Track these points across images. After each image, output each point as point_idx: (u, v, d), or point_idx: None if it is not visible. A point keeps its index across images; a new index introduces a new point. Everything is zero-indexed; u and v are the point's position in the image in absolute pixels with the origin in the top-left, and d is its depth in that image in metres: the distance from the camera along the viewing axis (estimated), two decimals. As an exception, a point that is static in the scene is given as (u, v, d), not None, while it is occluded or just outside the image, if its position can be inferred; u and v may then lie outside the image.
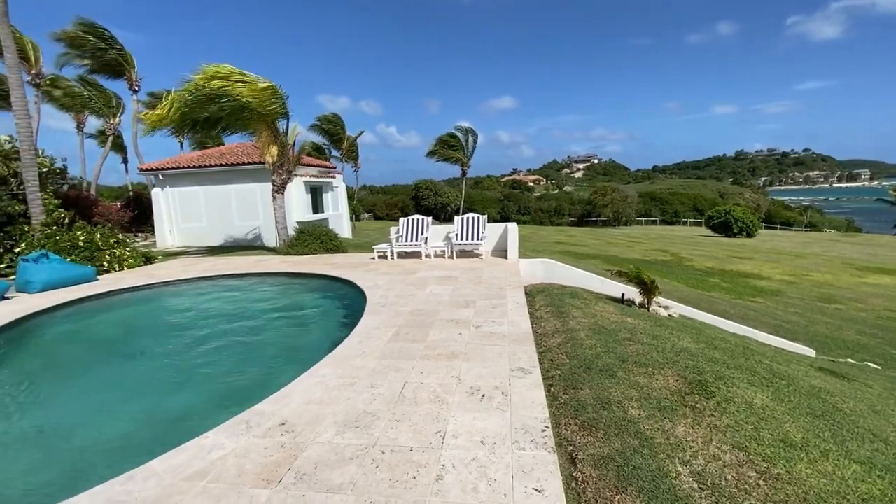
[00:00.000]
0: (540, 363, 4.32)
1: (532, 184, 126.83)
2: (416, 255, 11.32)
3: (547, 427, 3.12)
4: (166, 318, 8.40)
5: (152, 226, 18.26)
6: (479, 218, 11.27)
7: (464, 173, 34.44)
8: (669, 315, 7.25)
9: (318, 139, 38.68)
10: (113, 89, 25.53)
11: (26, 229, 10.89)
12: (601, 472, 2.76)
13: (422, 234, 11.38)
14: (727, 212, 36.96)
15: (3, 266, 10.51)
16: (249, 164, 16.22)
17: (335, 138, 38.57)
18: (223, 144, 26.44)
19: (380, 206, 51.54)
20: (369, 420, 3.32)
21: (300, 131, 14.23)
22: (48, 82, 22.22)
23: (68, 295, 8.29)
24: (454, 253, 10.89)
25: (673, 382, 3.94)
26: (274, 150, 12.88)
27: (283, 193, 13.55)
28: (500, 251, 11.23)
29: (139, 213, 21.07)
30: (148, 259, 12.09)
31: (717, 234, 36.54)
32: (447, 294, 7.19)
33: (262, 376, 5.15)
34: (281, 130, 13.16)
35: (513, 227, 10.54)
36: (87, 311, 7.96)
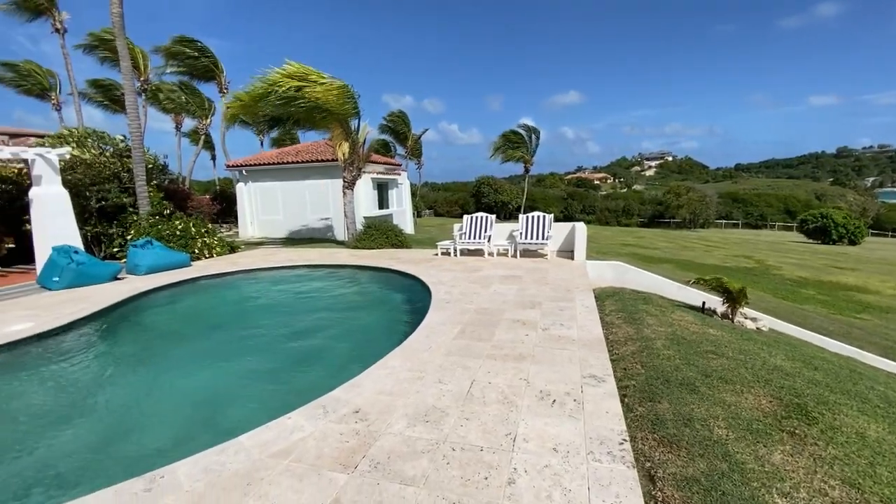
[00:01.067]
0: (613, 371, 4.12)
1: (598, 182, 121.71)
2: (479, 252, 11.30)
3: (625, 440, 2.97)
4: (248, 303, 9.09)
5: (236, 217, 19.88)
6: (545, 217, 11.01)
7: (526, 171, 33.81)
8: (758, 328, 6.62)
9: (384, 137, 39.86)
10: (205, 93, 28.06)
11: (135, 218, 12.28)
12: (685, 493, 2.58)
13: (485, 231, 11.33)
14: (825, 215, 33.00)
15: (116, 250, 11.95)
16: (322, 161, 17.08)
17: (401, 136, 39.51)
18: (298, 143, 28.09)
19: (440, 203, 52.16)
20: (439, 416, 3.36)
21: (369, 130, 14.74)
22: (154, 88, 24.89)
23: (167, 278, 9.25)
24: (518, 252, 10.73)
25: (766, 403, 3.59)
26: (345, 147, 13.45)
27: (352, 189, 14.12)
28: (566, 252, 10.90)
29: (225, 206, 23.02)
30: (232, 248, 13.17)
31: (812, 241, 32.81)
32: (512, 294, 7.10)
33: (334, 362, 5.41)
34: (352, 129, 13.71)
35: (580, 227, 10.18)
36: (182, 293, 8.83)
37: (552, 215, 11.13)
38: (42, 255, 9.07)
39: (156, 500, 2.51)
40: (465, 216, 11.87)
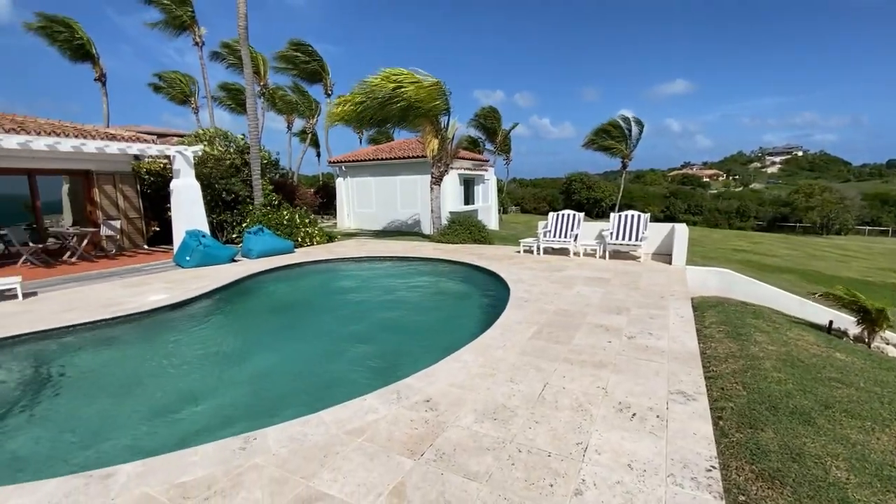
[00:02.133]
0: (707, 390, 3.71)
1: (707, 179, 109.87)
2: (564, 252, 10.88)
3: (714, 467, 2.66)
4: (338, 288, 9.79)
5: (334, 209, 21.49)
6: (639, 216, 10.23)
7: (624, 166, 31.66)
8: (905, 357, 5.49)
9: (474, 133, 40.09)
10: (312, 94, 30.65)
11: (250, 208, 13.88)
12: (786, 539, 2.24)
13: (572, 230, 10.87)
14: None
15: (234, 236, 13.64)
16: (412, 157, 17.71)
17: (490, 132, 39.45)
18: (392, 140, 29.41)
19: (528, 199, 51.10)
20: (507, 415, 3.32)
21: (458, 126, 14.92)
22: (271, 91, 27.78)
23: (275, 262, 10.32)
24: (607, 253, 10.13)
25: (908, 449, 2.97)
26: (435, 144, 13.78)
27: (439, 185, 14.45)
28: (663, 255, 10.04)
29: (326, 199, 25.02)
30: (330, 238, 14.27)
31: None
32: (596, 297, 6.73)
33: (409, 350, 5.60)
34: (442, 126, 14.00)
35: (681, 229, 9.29)
36: (287, 276, 9.79)
37: (648, 215, 10.30)
38: (178, 237, 10.67)
39: (248, 458, 2.82)
40: (551, 213, 11.50)
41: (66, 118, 12.26)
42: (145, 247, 12.84)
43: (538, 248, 10.89)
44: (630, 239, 10.00)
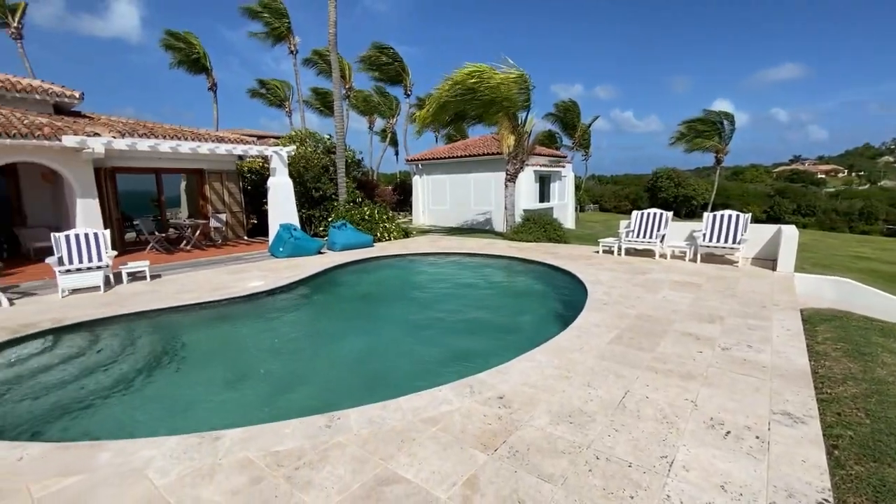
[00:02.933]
0: (820, 414, 3.28)
1: (823, 175, 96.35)
2: (649, 253, 10.21)
3: (826, 501, 2.35)
4: (413, 281, 10.10)
5: (410, 206, 22.18)
6: (737, 216, 9.28)
7: (718, 161, 28.88)
8: None
9: (551, 128, 38.98)
10: (393, 94, 31.81)
11: (335, 204, 14.81)
12: None
13: (658, 230, 10.15)
14: None
15: (321, 229, 14.64)
16: (488, 154, 17.68)
17: (568, 126, 38.08)
18: (468, 138, 29.56)
19: (607, 197, 48.55)
20: (584, 419, 3.21)
21: (536, 122, 14.62)
22: (355, 94, 29.33)
23: (356, 255, 10.92)
24: (698, 256, 9.32)
25: None
26: (511, 140, 13.64)
27: (514, 182, 14.28)
28: (766, 260, 9.02)
29: (403, 196, 25.89)
30: (406, 233, 14.76)
31: None
32: (685, 303, 6.23)
33: (481, 346, 5.62)
34: (519, 122, 13.81)
35: (790, 231, 8.28)
36: (366, 268, 10.32)
37: (749, 215, 9.30)
38: (273, 230, 11.70)
39: (332, 436, 3.04)
40: (635, 212, 10.84)
41: (184, 124, 14.00)
42: (245, 238, 14.26)
43: (619, 249, 10.33)
44: (726, 241, 9.11)
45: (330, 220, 13.93)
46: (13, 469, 2.74)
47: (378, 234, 13.66)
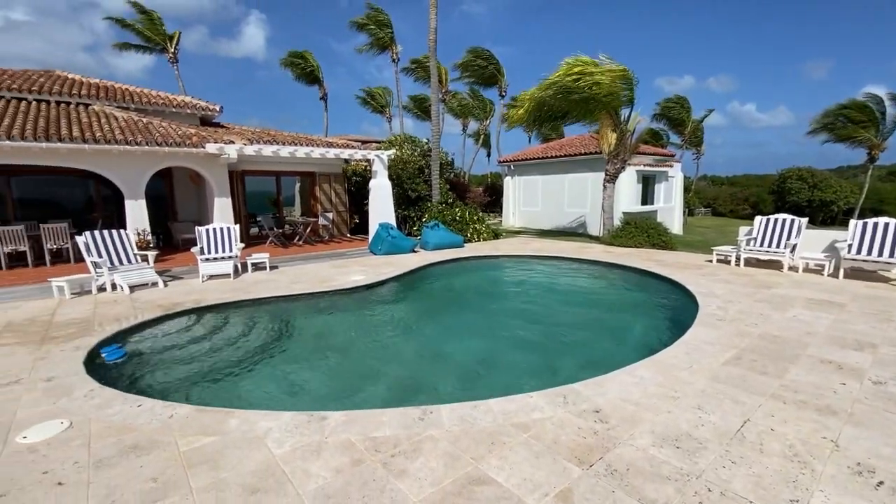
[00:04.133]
0: None
1: None
2: (775, 265, 8.94)
3: None
4: (503, 283, 10.05)
5: (501, 207, 22.10)
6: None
7: (871, 159, 24.31)
8: None
9: (657, 125, 36.12)
10: (486, 97, 31.99)
11: (428, 205, 15.32)
12: None
13: (788, 238, 8.84)
14: None
15: (415, 229, 15.25)
16: (585, 154, 16.93)
17: (676, 123, 34.95)
18: (563, 137, 28.60)
19: (722, 199, 43.40)
20: (694, 446, 2.91)
21: (641, 119, 13.64)
22: (451, 98, 30.07)
23: (447, 255, 11.19)
24: (841, 270, 7.93)
25: None
26: (612, 138, 12.90)
27: (613, 183, 13.48)
28: (937, 279, 7.38)
29: (494, 198, 25.91)
30: (496, 235, 14.74)
31: None
32: (823, 324, 5.34)
33: (575, 355, 5.39)
34: (622, 119, 13.00)
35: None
36: (457, 268, 10.52)
37: (914, 223, 7.67)
38: (372, 229, 12.46)
39: (425, 429, 3.14)
40: (758, 218, 9.56)
41: (299, 131, 15.54)
42: (348, 235, 15.39)
43: (738, 259, 9.21)
44: (880, 254, 7.62)
45: (423, 220, 14.43)
46: (166, 425, 3.27)
47: (468, 235, 13.83)
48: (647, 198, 17.87)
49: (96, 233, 7.96)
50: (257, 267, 9.53)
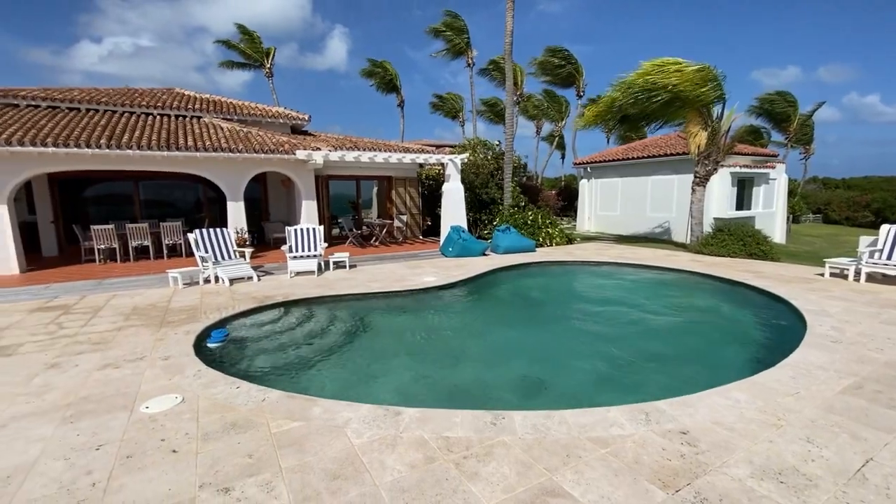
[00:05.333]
0: None
1: None
2: (906, 281, 7.66)
3: None
4: (578, 290, 9.68)
5: (575, 211, 21.34)
6: None
7: None
8: None
9: (755, 122, 32.68)
10: (562, 97, 31.10)
11: (500, 208, 15.23)
12: None
13: (925, 251, 7.53)
14: None
15: (486, 232, 15.24)
16: (671, 155, 15.79)
17: (779, 119, 31.34)
18: (645, 137, 26.97)
19: (836, 204, 37.98)
20: (801, 482, 2.58)
21: (736, 116, 12.43)
22: (526, 99, 29.67)
23: (518, 259, 11.04)
24: None
25: None
26: (702, 138, 11.91)
27: (704, 186, 12.42)
28: None
29: (567, 201, 25.11)
30: (569, 240, 14.27)
31: None
32: (975, 354, 4.47)
33: (657, 371, 5.04)
34: (713, 117, 11.95)
35: None
36: (528, 272, 10.34)
37: None
38: (444, 231, 12.66)
39: (497, 434, 3.12)
40: (885, 226, 8.26)
41: (376, 137, 16.25)
42: (420, 237, 15.79)
43: (858, 273, 8.03)
44: None
45: (494, 223, 14.38)
46: (259, 407, 3.58)
47: (540, 239, 13.53)
48: (742, 202, 16.21)
49: (203, 231, 8.97)
50: (338, 265, 10.11)
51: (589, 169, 19.72)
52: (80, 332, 5.62)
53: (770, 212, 16.92)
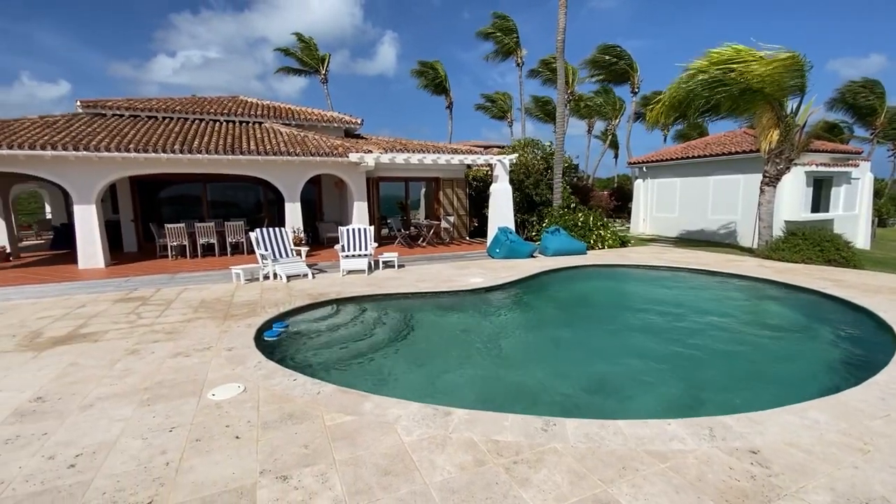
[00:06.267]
0: None
1: None
2: None
3: None
4: (633, 296, 9.26)
5: (628, 213, 20.49)
6: None
7: None
8: None
9: (834, 116, 29.89)
10: (617, 94, 29.95)
11: (549, 209, 14.92)
12: None
13: None
14: None
15: (534, 234, 14.99)
16: (736, 153, 14.77)
17: (863, 112, 28.42)
18: (706, 135, 25.43)
19: (934, 207, 33.87)
20: (896, 516, 2.31)
21: (814, 109, 11.42)
22: (577, 98, 28.89)
23: (567, 262, 10.76)
24: None
25: None
26: (774, 135, 11.03)
27: (774, 186, 11.51)
28: None
29: (620, 202, 24.17)
30: (623, 242, 13.71)
31: None
32: None
33: (718, 383, 4.72)
34: (787, 111, 11.04)
35: None
36: (578, 276, 10.04)
37: None
38: (491, 232, 12.58)
39: (548, 441, 3.04)
40: None
41: (424, 139, 16.45)
42: (467, 238, 15.80)
43: (959, 284, 7.10)
44: None
45: (543, 224, 14.10)
46: (314, 400, 3.72)
47: (591, 242, 13.11)
48: (819, 204, 14.85)
49: (264, 230, 9.48)
50: (387, 265, 10.33)
51: (644, 169, 18.87)
52: (155, 322, 6.12)
53: (852, 214, 15.39)
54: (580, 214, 13.86)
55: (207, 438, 3.13)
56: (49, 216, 19.58)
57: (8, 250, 11.77)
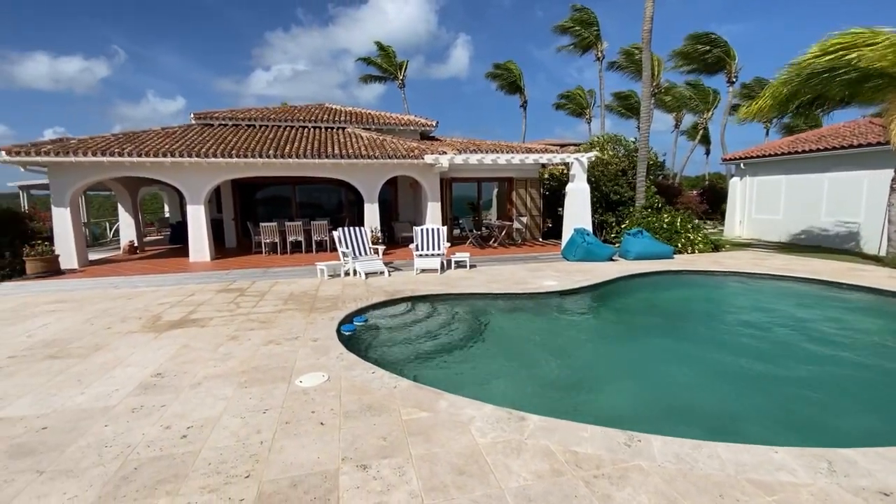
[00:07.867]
0: None
1: None
2: None
3: None
4: (730, 307, 8.41)
5: (721, 214, 18.66)
6: None
7: None
8: None
9: None
10: (710, 85, 27.44)
11: (630, 210, 14.06)
12: None
13: None
14: None
15: (612, 236, 14.23)
16: (858, 146, 12.80)
17: None
18: (819, 126, 22.46)
19: None
20: None
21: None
22: (663, 91, 26.94)
23: (651, 266, 10.05)
24: None
25: None
26: (912, 124, 9.38)
27: (911, 184, 9.79)
28: None
29: (712, 203, 22.09)
30: (716, 247, 12.51)
31: None
32: None
33: (838, 412, 4.10)
34: (931, 95, 9.33)
35: None
36: (663, 282, 9.34)
37: None
38: (566, 233, 12.15)
39: (632, 457, 2.84)
40: None
41: (497, 139, 16.30)
42: (540, 240, 15.43)
43: None
44: None
45: (623, 226, 13.33)
46: (390, 394, 3.84)
47: (679, 246, 12.12)
48: (973, 204, 12.35)
49: (345, 229, 10.02)
50: (459, 265, 10.41)
51: (742, 165, 17.06)
52: (251, 312, 6.73)
53: None
54: (666, 216, 12.89)
55: (295, 422, 3.36)
56: (167, 215, 22.46)
57: (136, 244, 13.71)
